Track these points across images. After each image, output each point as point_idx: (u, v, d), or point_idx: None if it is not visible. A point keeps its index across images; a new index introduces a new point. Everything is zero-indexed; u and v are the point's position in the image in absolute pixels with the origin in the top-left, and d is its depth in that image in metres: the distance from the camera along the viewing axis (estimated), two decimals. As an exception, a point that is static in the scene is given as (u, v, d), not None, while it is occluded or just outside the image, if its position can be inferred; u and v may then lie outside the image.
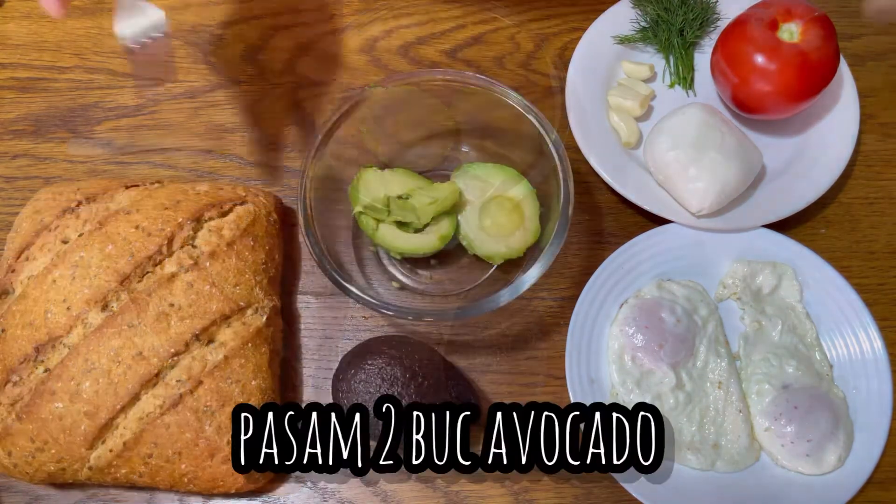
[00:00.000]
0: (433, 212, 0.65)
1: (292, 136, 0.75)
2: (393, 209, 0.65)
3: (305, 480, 0.63)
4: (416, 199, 0.65)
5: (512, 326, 0.68)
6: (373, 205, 0.65)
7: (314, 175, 0.62)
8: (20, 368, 0.58)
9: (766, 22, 0.67)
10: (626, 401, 0.63)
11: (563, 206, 0.59)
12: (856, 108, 0.71)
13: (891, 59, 0.79)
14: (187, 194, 0.64)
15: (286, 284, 0.69)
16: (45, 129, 0.75)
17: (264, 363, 0.61)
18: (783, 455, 0.62)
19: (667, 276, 0.68)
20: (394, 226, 0.66)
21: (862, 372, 0.64)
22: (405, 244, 0.66)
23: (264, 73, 0.78)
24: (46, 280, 0.59)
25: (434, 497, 0.63)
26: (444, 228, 0.66)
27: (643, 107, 0.73)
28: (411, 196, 0.66)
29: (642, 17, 0.76)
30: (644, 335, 0.64)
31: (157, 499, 0.63)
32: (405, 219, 0.65)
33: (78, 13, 0.80)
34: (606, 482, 0.62)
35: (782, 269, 0.67)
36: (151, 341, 0.58)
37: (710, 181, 0.65)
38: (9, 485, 0.63)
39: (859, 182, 0.74)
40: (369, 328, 0.68)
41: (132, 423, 0.57)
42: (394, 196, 0.65)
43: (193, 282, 0.60)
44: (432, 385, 0.58)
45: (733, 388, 0.64)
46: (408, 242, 0.66)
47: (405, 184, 0.67)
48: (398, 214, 0.65)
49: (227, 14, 0.80)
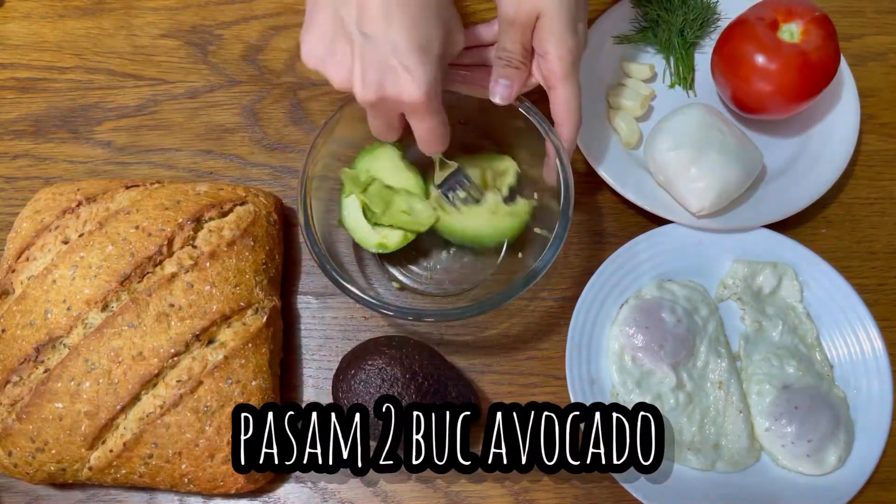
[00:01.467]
0: (396, 222, 0.64)
1: (292, 136, 0.75)
2: (370, 190, 0.64)
3: (305, 480, 0.63)
4: (397, 200, 0.65)
5: (512, 326, 0.68)
6: (358, 175, 0.64)
7: (314, 175, 0.62)
8: (20, 368, 0.58)
9: (767, 22, 0.67)
10: (626, 401, 0.63)
11: (563, 206, 0.59)
12: (856, 108, 0.71)
13: (891, 59, 0.79)
14: (187, 194, 0.64)
15: (286, 284, 0.69)
16: (46, 129, 0.75)
17: (264, 363, 0.61)
18: (784, 455, 0.62)
19: (667, 277, 0.68)
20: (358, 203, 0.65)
21: (863, 372, 0.64)
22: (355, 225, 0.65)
23: (264, 73, 0.78)
24: (46, 280, 0.59)
25: (434, 497, 0.63)
26: (392, 240, 0.64)
27: (643, 107, 0.73)
28: (397, 194, 0.65)
29: (642, 17, 0.76)
30: (644, 335, 0.64)
31: (157, 499, 0.63)
32: (372, 205, 0.64)
33: (78, 13, 0.80)
34: (606, 482, 0.62)
35: (783, 269, 0.67)
36: (151, 341, 0.58)
37: (711, 181, 0.65)
38: (9, 485, 0.63)
39: (860, 182, 0.74)
40: (369, 328, 0.68)
41: (132, 424, 0.57)
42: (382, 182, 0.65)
43: (193, 282, 0.60)
44: (432, 385, 0.58)
45: (734, 388, 0.64)
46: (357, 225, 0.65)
47: (406, 181, 0.66)
48: (370, 198, 0.64)
49: (227, 14, 0.80)
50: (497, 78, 0.59)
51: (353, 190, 0.64)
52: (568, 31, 0.57)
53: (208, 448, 0.58)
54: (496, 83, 0.59)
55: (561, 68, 0.58)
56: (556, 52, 0.57)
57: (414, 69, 0.50)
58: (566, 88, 0.59)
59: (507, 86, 0.59)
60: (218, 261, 0.61)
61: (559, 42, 0.57)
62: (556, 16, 0.56)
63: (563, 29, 0.56)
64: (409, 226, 0.64)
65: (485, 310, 0.58)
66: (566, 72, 0.58)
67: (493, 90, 0.60)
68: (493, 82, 0.60)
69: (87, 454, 0.58)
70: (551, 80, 0.59)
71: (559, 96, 0.59)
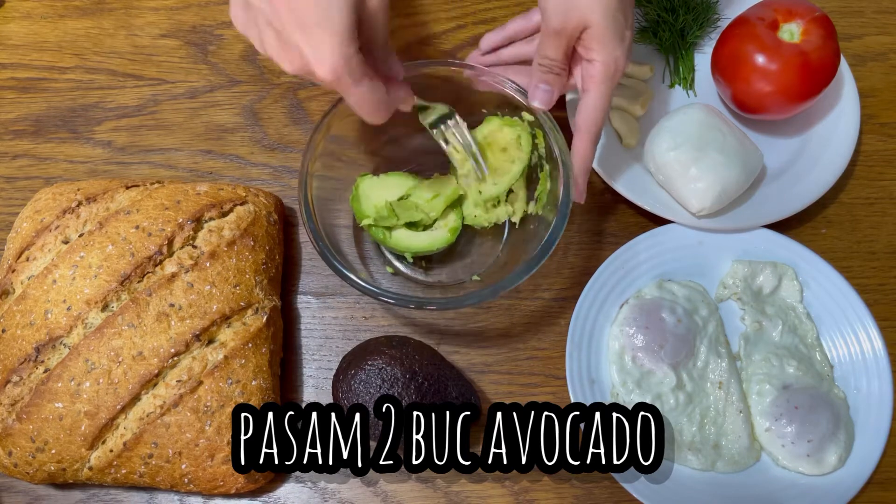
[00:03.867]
0: (442, 205, 0.65)
1: (292, 136, 0.75)
2: (399, 213, 0.64)
3: (305, 480, 0.63)
4: (417, 196, 0.65)
5: (512, 326, 0.68)
6: (380, 215, 0.65)
7: (313, 172, 0.61)
8: (20, 368, 0.58)
9: (767, 22, 0.67)
10: (626, 401, 0.63)
11: (563, 194, 0.59)
12: (856, 109, 0.71)
13: (891, 59, 0.79)
14: (187, 194, 0.64)
15: (286, 284, 0.69)
16: (46, 129, 0.75)
17: (264, 363, 0.61)
18: (784, 455, 0.62)
19: (667, 277, 0.68)
20: (403, 228, 0.65)
21: (863, 372, 0.64)
22: (418, 243, 0.65)
23: (264, 73, 0.78)
24: (47, 280, 0.59)
25: (434, 497, 0.63)
26: (453, 221, 0.66)
27: (643, 107, 0.73)
28: (411, 195, 0.66)
29: (642, 17, 0.76)
30: (644, 335, 0.64)
31: (157, 499, 0.63)
32: (412, 218, 0.65)
33: (78, 13, 0.80)
34: (607, 482, 0.62)
35: (783, 269, 0.67)
36: (152, 341, 0.58)
37: (711, 181, 0.65)
38: (9, 485, 0.63)
39: (860, 182, 0.74)
40: (369, 328, 0.68)
41: (132, 424, 0.57)
42: (394, 199, 0.65)
43: (194, 282, 0.60)
44: (432, 385, 0.58)
45: (734, 388, 0.64)
46: (420, 241, 0.65)
47: (402, 185, 0.66)
48: (405, 216, 0.65)
49: (227, 14, 0.80)
50: (538, 83, 0.60)
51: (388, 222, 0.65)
52: (615, 41, 0.57)
53: (208, 448, 0.58)
54: (537, 88, 0.60)
55: (603, 73, 0.58)
56: (602, 59, 0.57)
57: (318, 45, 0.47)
58: (599, 94, 0.59)
59: (547, 91, 0.60)
60: (218, 261, 0.61)
61: (606, 51, 0.57)
62: (604, 28, 0.56)
63: (611, 39, 0.57)
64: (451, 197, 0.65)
65: (486, 298, 0.58)
66: (605, 78, 0.58)
67: (534, 95, 0.60)
68: (533, 87, 0.60)
69: (87, 454, 0.58)
70: (588, 83, 0.59)
71: (589, 100, 0.59)
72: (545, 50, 0.59)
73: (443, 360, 0.61)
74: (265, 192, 0.68)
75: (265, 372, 0.61)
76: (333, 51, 0.47)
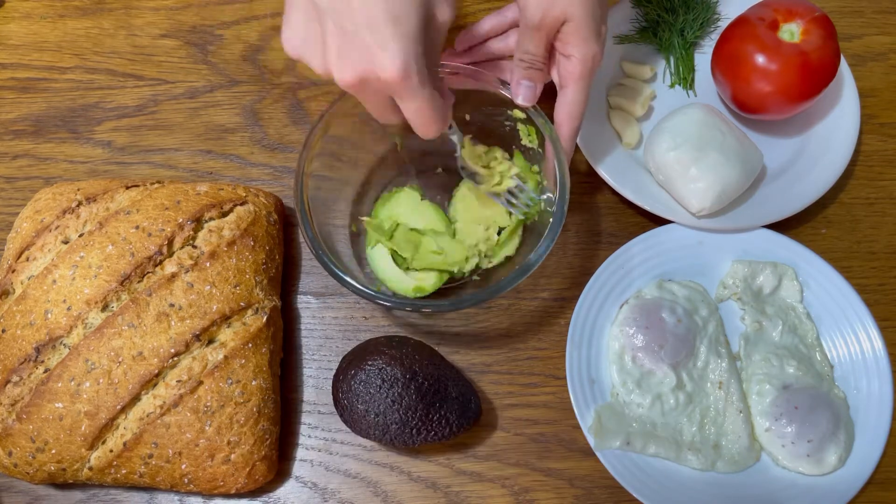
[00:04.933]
0: (431, 264, 0.64)
1: (292, 136, 0.75)
2: (396, 236, 0.64)
3: (305, 480, 0.63)
4: (426, 242, 0.65)
5: (512, 326, 0.68)
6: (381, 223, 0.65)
7: (310, 172, 0.61)
8: (20, 368, 0.58)
9: (767, 22, 0.67)
10: (626, 401, 0.63)
11: (559, 195, 0.59)
12: (856, 109, 0.71)
13: (891, 59, 0.79)
14: (187, 194, 0.64)
15: (286, 284, 0.69)
16: (46, 129, 0.75)
17: (264, 363, 0.61)
18: (784, 455, 0.62)
19: (667, 277, 0.68)
20: (388, 252, 0.65)
21: (863, 372, 0.64)
22: (387, 274, 0.65)
23: (264, 73, 0.78)
24: (47, 280, 0.59)
25: (434, 497, 0.63)
26: (428, 282, 0.64)
27: (643, 107, 0.73)
28: (424, 235, 0.65)
29: (642, 17, 0.76)
30: (644, 335, 0.64)
31: (157, 499, 0.63)
32: (401, 251, 0.64)
33: (78, 13, 0.80)
34: (607, 483, 0.62)
35: (783, 269, 0.67)
36: (152, 341, 0.58)
37: (711, 181, 0.65)
38: (9, 485, 0.63)
39: (860, 182, 0.74)
40: (369, 328, 0.68)
41: (132, 424, 0.57)
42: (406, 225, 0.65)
43: (194, 282, 0.60)
44: (432, 385, 0.58)
45: (734, 388, 0.64)
46: (389, 274, 0.65)
47: (429, 220, 0.66)
48: (398, 244, 0.64)
49: (227, 14, 0.80)
50: (520, 80, 0.60)
51: (380, 238, 0.65)
52: (593, 35, 0.57)
53: (208, 448, 0.58)
54: (519, 85, 0.60)
55: (581, 70, 0.58)
56: (581, 55, 0.58)
57: (388, 44, 0.47)
58: (578, 90, 0.59)
59: (530, 87, 0.60)
60: (218, 261, 0.61)
61: (585, 46, 0.57)
62: (583, 23, 0.56)
63: (589, 34, 0.57)
64: (442, 266, 0.64)
65: (481, 300, 0.58)
66: (583, 74, 0.58)
67: (517, 91, 0.60)
68: (515, 84, 0.60)
69: (87, 454, 0.58)
70: (566, 80, 0.59)
71: (568, 96, 0.59)
72: (526, 45, 0.59)
73: (443, 360, 0.61)
74: (265, 193, 0.68)
75: (265, 372, 0.61)
76: (404, 49, 0.47)
